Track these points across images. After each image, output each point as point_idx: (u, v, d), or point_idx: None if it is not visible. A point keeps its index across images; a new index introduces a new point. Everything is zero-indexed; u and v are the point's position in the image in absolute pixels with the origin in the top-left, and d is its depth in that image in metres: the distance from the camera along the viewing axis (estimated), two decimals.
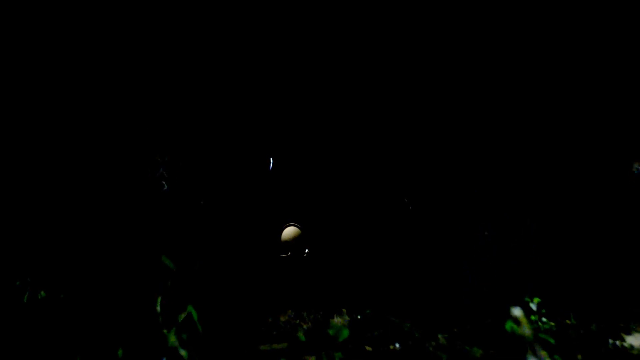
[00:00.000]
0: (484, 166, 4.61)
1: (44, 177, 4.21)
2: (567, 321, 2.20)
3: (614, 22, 4.30)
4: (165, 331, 1.52)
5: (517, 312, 1.31)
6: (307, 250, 4.31)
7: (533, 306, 1.91)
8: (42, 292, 2.46)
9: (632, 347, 1.83)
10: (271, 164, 4.63)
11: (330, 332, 1.63)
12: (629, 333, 2.00)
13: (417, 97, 5.17)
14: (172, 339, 1.51)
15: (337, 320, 3.09)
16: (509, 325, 1.30)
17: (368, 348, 1.93)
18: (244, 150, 4.68)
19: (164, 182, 4.06)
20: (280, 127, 5.13)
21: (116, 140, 4.33)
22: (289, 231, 4.34)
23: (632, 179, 3.73)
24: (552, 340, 1.50)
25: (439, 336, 2.10)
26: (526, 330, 1.29)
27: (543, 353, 1.32)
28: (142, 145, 4.28)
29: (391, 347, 1.94)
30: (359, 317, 2.91)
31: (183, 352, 1.51)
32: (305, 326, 2.94)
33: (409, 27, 4.89)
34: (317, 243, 4.46)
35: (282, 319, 3.09)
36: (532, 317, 1.87)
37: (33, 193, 4.12)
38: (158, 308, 1.56)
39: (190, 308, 1.57)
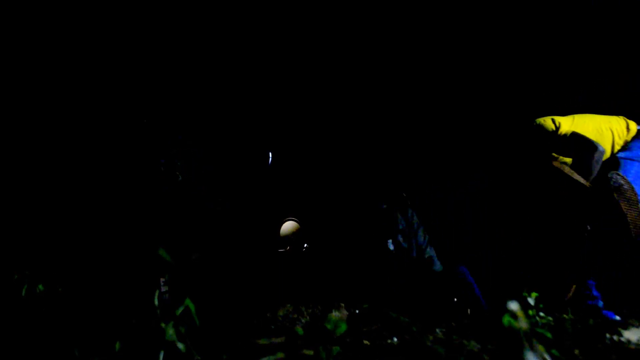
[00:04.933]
0: (483, 164, 4.60)
1: (43, 170, 4.20)
2: (565, 316, 2.21)
3: None
4: (163, 325, 1.51)
5: (514, 306, 1.31)
6: (305, 245, 4.32)
7: (531, 301, 1.92)
8: (41, 286, 2.46)
9: (629, 341, 1.84)
10: (270, 159, 4.62)
11: (328, 326, 1.63)
12: (626, 328, 2.01)
13: (417, 95, 5.15)
14: (170, 333, 1.51)
15: (335, 314, 3.09)
16: (506, 319, 1.30)
17: (366, 342, 1.93)
18: (242, 144, 4.67)
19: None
20: (279, 121, 5.12)
21: (114, 136, 4.32)
22: (288, 226, 4.34)
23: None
24: (549, 335, 1.50)
25: (437, 330, 2.10)
26: (523, 324, 1.29)
27: (540, 347, 1.31)
28: (139, 139, 4.27)
29: (389, 341, 1.94)
30: (357, 311, 2.91)
31: (181, 346, 1.51)
32: (303, 320, 2.94)
33: (408, 29, 4.88)
34: (315, 238, 4.46)
35: (280, 313, 3.09)
36: (530, 312, 1.87)
37: (31, 186, 4.11)
38: (156, 302, 1.55)
39: (188, 301, 1.56)
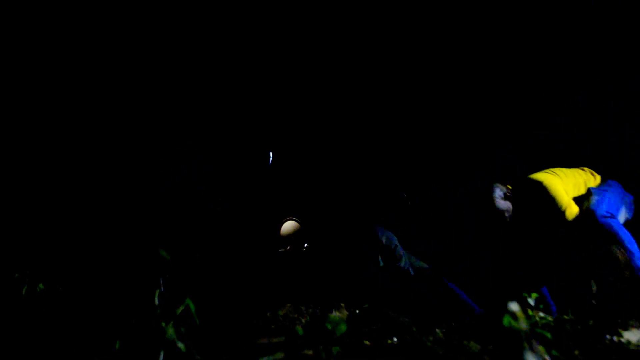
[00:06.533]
0: (483, 163, 4.60)
1: (43, 170, 4.20)
2: (564, 316, 2.21)
3: None
4: (163, 324, 1.51)
5: (514, 307, 1.31)
6: (305, 245, 4.31)
7: (531, 301, 1.92)
8: (41, 285, 2.46)
9: (629, 342, 1.84)
10: (270, 159, 4.62)
11: (328, 326, 1.63)
12: (626, 328, 2.01)
13: (417, 95, 5.15)
14: (170, 332, 1.51)
15: (335, 314, 3.08)
16: (506, 320, 1.30)
17: (366, 342, 1.93)
18: (242, 144, 4.67)
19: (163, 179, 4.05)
20: (279, 122, 5.12)
21: (113, 133, 4.33)
22: (288, 226, 4.34)
23: None
24: (549, 335, 1.50)
25: (437, 330, 2.10)
26: (523, 325, 1.29)
27: (540, 348, 1.32)
28: (140, 137, 4.27)
29: (389, 341, 1.94)
30: (357, 311, 2.90)
31: (181, 345, 1.51)
32: (303, 320, 2.94)
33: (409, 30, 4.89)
34: (316, 238, 4.46)
35: (281, 313, 3.09)
36: (530, 312, 1.87)
37: (32, 186, 4.12)
38: (156, 301, 1.56)
39: (188, 301, 1.57)
